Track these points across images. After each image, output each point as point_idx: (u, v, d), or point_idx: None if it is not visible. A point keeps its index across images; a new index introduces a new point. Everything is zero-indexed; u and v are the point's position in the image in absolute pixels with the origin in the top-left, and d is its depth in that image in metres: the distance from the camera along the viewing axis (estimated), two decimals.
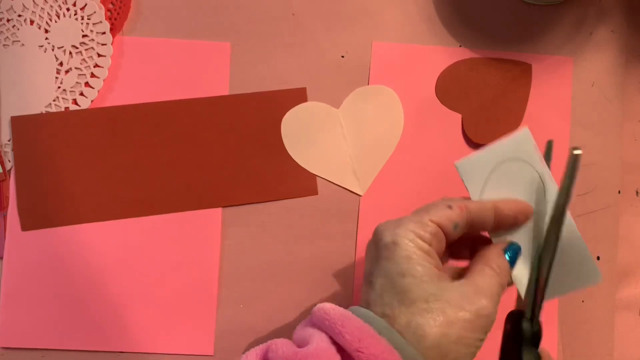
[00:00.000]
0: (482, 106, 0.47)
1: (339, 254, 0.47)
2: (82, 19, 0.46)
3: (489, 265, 0.32)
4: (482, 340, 0.30)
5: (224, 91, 0.47)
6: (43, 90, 0.46)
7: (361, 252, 0.47)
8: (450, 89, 0.48)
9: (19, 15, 0.46)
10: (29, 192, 0.46)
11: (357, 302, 0.46)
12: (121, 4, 0.47)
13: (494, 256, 0.32)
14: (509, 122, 0.47)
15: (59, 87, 0.46)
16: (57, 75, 0.46)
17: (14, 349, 0.45)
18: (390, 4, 0.48)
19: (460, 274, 0.33)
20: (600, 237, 0.48)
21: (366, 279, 0.32)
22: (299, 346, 0.30)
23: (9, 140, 0.46)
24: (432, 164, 0.47)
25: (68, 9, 0.46)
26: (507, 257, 0.33)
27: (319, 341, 0.29)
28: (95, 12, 0.46)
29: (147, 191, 0.46)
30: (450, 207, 0.32)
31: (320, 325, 0.30)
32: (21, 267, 0.45)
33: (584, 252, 0.34)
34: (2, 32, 0.46)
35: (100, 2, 0.46)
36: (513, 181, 0.35)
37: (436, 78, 0.48)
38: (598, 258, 0.48)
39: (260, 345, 0.31)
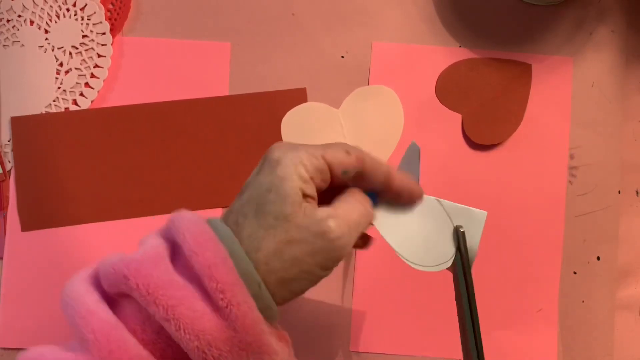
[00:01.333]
0: (482, 106, 0.47)
1: None
2: (82, 19, 0.46)
3: (353, 196, 0.32)
4: (323, 268, 0.29)
5: (224, 91, 0.47)
6: (43, 90, 0.46)
7: (361, 251, 0.47)
8: (450, 89, 0.48)
9: (19, 16, 0.46)
10: (29, 192, 0.46)
11: (358, 302, 0.46)
12: (121, 4, 0.47)
13: (359, 192, 0.32)
14: (509, 122, 0.47)
15: (59, 88, 0.46)
16: (57, 76, 0.46)
17: (14, 349, 0.45)
18: (390, 4, 0.48)
19: None
20: (600, 237, 0.48)
21: (241, 189, 0.31)
22: None
23: (9, 141, 0.46)
24: (432, 164, 0.47)
25: (68, 10, 0.46)
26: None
27: (151, 245, 0.28)
28: (95, 13, 0.46)
29: (147, 191, 0.46)
30: (348, 152, 0.31)
31: (166, 230, 0.29)
32: (21, 267, 0.45)
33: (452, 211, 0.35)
34: (2, 32, 0.46)
35: (100, 2, 0.46)
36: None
37: (436, 78, 0.48)
38: (598, 258, 0.48)
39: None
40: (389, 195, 0.33)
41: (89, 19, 0.46)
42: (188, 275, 0.27)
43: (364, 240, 0.38)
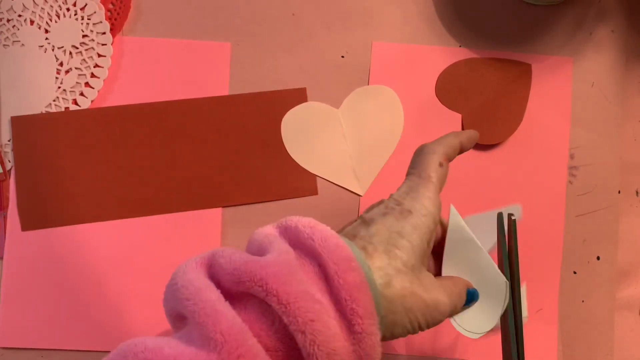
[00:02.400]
0: (482, 106, 0.47)
1: None
2: (82, 19, 0.46)
3: (456, 282, 0.32)
4: (422, 328, 0.30)
5: (224, 91, 0.47)
6: (43, 90, 0.46)
7: None
8: (450, 89, 0.48)
9: (19, 15, 0.46)
10: (29, 192, 0.46)
11: None
12: (121, 4, 0.47)
13: (462, 282, 0.33)
14: (509, 122, 0.47)
15: (59, 87, 0.46)
16: (57, 76, 0.46)
17: (14, 348, 0.45)
18: (390, 4, 0.48)
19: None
20: (600, 237, 0.48)
21: (363, 218, 0.31)
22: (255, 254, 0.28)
23: (9, 140, 0.46)
24: None
25: (68, 9, 0.46)
26: (467, 296, 0.33)
27: (282, 250, 0.27)
28: (95, 12, 0.46)
29: (147, 191, 0.46)
30: (441, 164, 0.33)
31: (292, 234, 0.29)
32: (21, 267, 0.45)
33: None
34: (2, 32, 0.46)
35: (101, 2, 0.47)
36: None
37: (436, 78, 0.48)
38: (598, 258, 0.48)
39: (203, 253, 0.29)
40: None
41: (89, 19, 0.46)
42: (323, 287, 0.27)
43: None
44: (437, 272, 0.34)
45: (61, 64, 0.46)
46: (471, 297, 0.33)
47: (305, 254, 0.28)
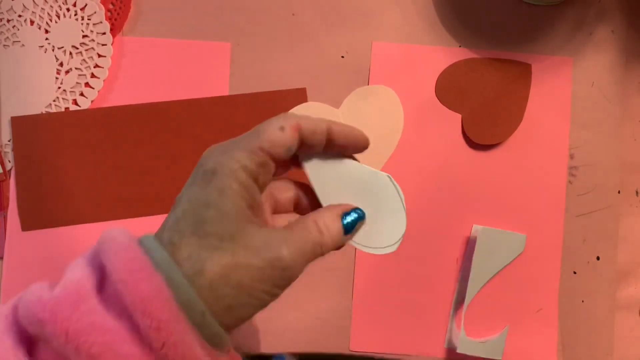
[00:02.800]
0: (482, 106, 0.47)
1: (339, 254, 0.47)
2: (83, 19, 0.46)
3: (315, 222, 0.28)
4: (271, 294, 0.27)
5: (224, 91, 0.47)
6: (43, 90, 0.46)
7: (361, 252, 0.47)
8: (450, 89, 0.48)
9: (19, 16, 0.46)
10: (29, 192, 0.46)
11: (358, 302, 0.46)
12: (121, 4, 0.47)
13: (327, 216, 0.29)
14: (508, 122, 0.47)
15: (59, 88, 0.46)
16: (57, 76, 0.46)
17: None
18: (390, 4, 0.48)
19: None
20: (600, 237, 0.48)
21: (175, 202, 0.28)
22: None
23: (9, 141, 0.46)
24: (432, 164, 0.47)
25: (68, 10, 0.46)
26: (343, 222, 0.29)
27: (73, 278, 0.25)
28: (95, 13, 0.46)
29: (147, 191, 0.46)
30: (282, 128, 0.28)
31: (94, 255, 0.26)
32: (21, 267, 0.45)
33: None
34: (2, 32, 0.46)
35: (101, 2, 0.47)
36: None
37: (436, 78, 0.48)
38: (598, 258, 0.48)
39: (20, 293, 0.26)
40: (335, 150, 0.30)
41: (89, 19, 0.46)
42: (119, 309, 0.24)
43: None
44: (313, 208, 0.31)
45: (61, 64, 0.46)
46: (353, 219, 0.30)
47: (104, 273, 0.25)
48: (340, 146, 0.30)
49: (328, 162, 0.31)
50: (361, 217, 0.30)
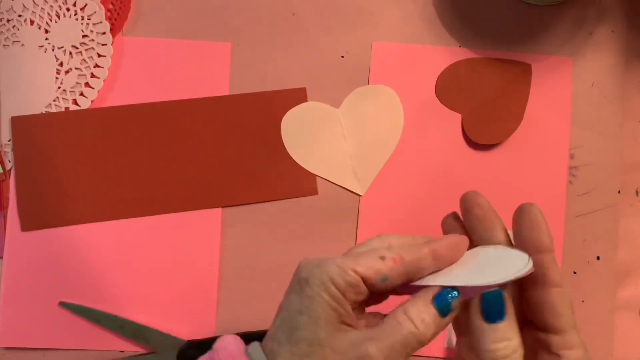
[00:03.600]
0: (482, 106, 0.47)
1: (339, 254, 0.47)
2: (82, 19, 0.46)
3: (404, 312, 0.28)
4: None
5: (224, 91, 0.47)
6: (43, 90, 0.46)
7: None
8: (450, 89, 0.48)
9: (19, 16, 0.46)
10: (29, 192, 0.46)
11: None
12: (121, 4, 0.47)
13: (415, 303, 0.28)
14: (509, 122, 0.47)
15: (59, 87, 0.46)
16: (57, 76, 0.46)
17: (14, 348, 0.45)
18: (390, 4, 0.48)
19: None
20: (600, 237, 0.48)
21: (278, 308, 0.30)
22: None
23: (9, 141, 0.46)
24: (432, 164, 0.47)
25: (68, 9, 0.46)
26: (435, 304, 0.28)
27: None
28: (95, 12, 0.46)
29: (147, 191, 0.46)
30: (382, 258, 0.28)
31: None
32: (21, 267, 0.45)
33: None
34: (2, 32, 0.46)
35: (101, 2, 0.47)
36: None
37: (436, 78, 0.48)
38: (598, 258, 0.48)
39: None
40: (444, 265, 0.29)
41: (89, 19, 0.46)
42: None
43: None
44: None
45: (61, 64, 0.46)
46: (444, 302, 0.28)
47: None
48: (448, 261, 0.30)
49: None
50: (455, 296, 0.28)
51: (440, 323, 0.28)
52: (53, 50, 0.46)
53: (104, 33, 0.46)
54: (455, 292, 0.28)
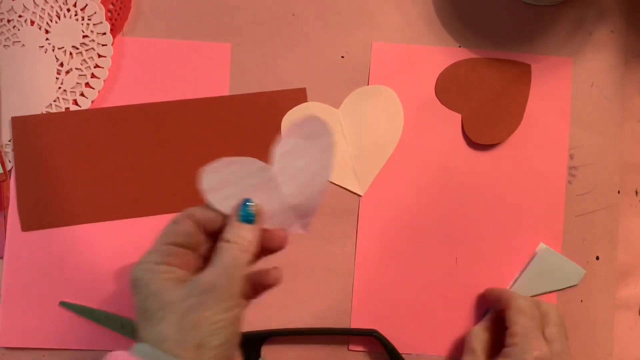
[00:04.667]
0: (482, 106, 0.47)
1: (339, 254, 0.47)
2: (83, 19, 0.46)
3: (221, 240, 0.33)
4: (225, 313, 0.31)
5: (224, 91, 0.47)
6: (43, 90, 0.46)
7: (361, 252, 0.47)
8: (450, 89, 0.48)
9: (20, 16, 0.46)
10: (29, 192, 0.46)
11: (358, 301, 0.46)
12: (121, 4, 0.47)
13: (226, 229, 0.34)
14: (508, 122, 0.47)
15: (59, 88, 0.46)
16: (58, 76, 0.46)
17: (15, 348, 0.45)
18: (390, 4, 0.48)
19: None
20: (600, 237, 0.48)
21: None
22: None
23: (9, 141, 0.46)
24: (432, 164, 0.47)
25: (68, 10, 0.47)
26: (241, 218, 0.34)
27: None
28: (95, 13, 0.46)
29: (147, 191, 0.46)
30: (176, 222, 0.35)
31: None
32: (21, 267, 0.45)
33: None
34: (2, 32, 0.46)
35: (101, 2, 0.47)
36: None
37: (436, 78, 0.48)
38: (597, 258, 0.48)
39: None
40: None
41: (89, 19, 0.46)
42: None
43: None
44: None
45: (61, 65, 0.46)
46: (245, 213, 0.34)
47: None
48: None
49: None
50: (251, 202, 0.34)
51: (253, 230, 0.34)
52: (53, 50, 0.46)
53: (105, 33, 0.47)
54: (249, 200, 0.34)
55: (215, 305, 0.31)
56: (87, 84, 0.47)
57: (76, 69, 0.47)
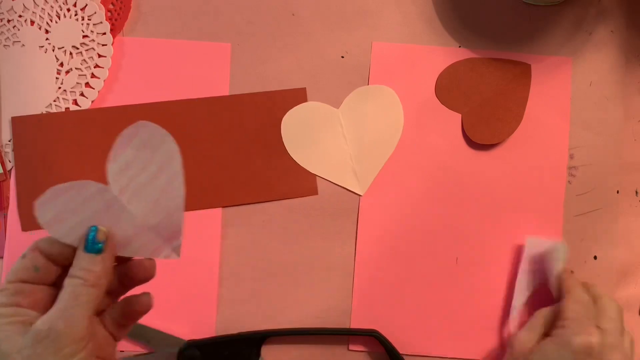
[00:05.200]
0: (482, 106, 0.47)
1: (339, 254, 0.47)
2: (83, 19, 0.46)
3: (67, 277, 0.30)
4: (71, 354, 0.28)
5: (224, 91, 0.47)
6: (43, 90, 0.46)
7: (361, 252, 0.47)
8: (450, 89, 0.48)
9: (20, 16, 0.46)
10: (29, 192, 0.46)
11: (358, 301, 0.46)
12: (122, 4, 0.47)
13: (73, 262, 0.31)
14: (508, 122, 0.47)
15: (59, 88, 0.46)
16: (58, 76, 0.46)
17: None
18: (390, 4, 0.48)
19: None
20: (599, 237, 0.48)
21: None
22: None
23: (9, 141, 0.46)
24: (432, 164, 0.47)
25: (69, 10, 0.47)
26: (87, 249, 0.30)
27: None
28: (95, 13, 0.46)
29: None
30: (24, 256, 0.31)
31: None
32: None
33: None
34: (2, 32, 0.46)
35: (101, 2, 0.47)
36: None
37: (436, 78, 0.48)
38: (596, 258, 0.48)
39: None
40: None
41: (89, 19, 0.46)
42: None
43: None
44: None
45: (61, 65, 0.46)
46: (91, 242, 0.31)
47: None
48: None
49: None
50: (94, 230, 0.31)
51: (103, 260, 0.30)
52: (53, 50, 0.46)
53: (105, 33, 0.47)
54: (95, 227, 0.31)
55: (54, 354, 0.28)
56: (87, 84, 0.47)
57: (76, 68, 0.47)
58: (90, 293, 0.29)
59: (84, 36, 0.47)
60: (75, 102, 0.47)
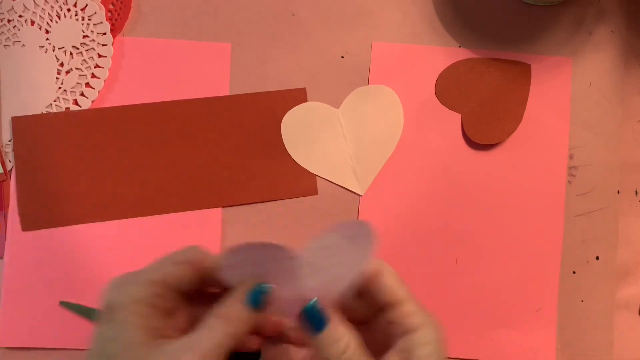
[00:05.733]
0: (482, 106, 0.47)
1: None
2: (83, 19, 0.47)
3: (214, 314, 0.29)
4: None
5: (224, 91, 0.47)
6: (43, 90, 0.46)
7: None
8: (449, 89, 0.48)
9: (20, 16, 0.46)
10: (29, 192, 0.46)
11: None
12: (122, 4, 0.47)
13: (226, 303, 0.29)
14: (508, 122, 0.47)
15: (59, 88, 0.46)
16: (58, 76, 0.46)
17: (15, 348, 0.45)
18: (390, 4, 0.48)
19: None
20: (600, 237, 0.48)
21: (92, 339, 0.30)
22: None
23: (9, 141, 0.46)
24: (432, 164, 0.47)
25: (69, 10, 0.47)
26: (248, 301, 0.29)
27: None
28: (95, 13, 0.47)
29: (147, 191, 0.46)
30: (176, 263, 0.30)
31: None
32: (21, 267, 0.45)
33: None
34: (2, 32, 0.46)
35: (101, 2, 0.47)
36: None
37: (436, 78, 0.48)
38: (597, 258, 0.48)
39: None
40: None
41: (89, 19, 0.47)
42: None
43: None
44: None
45: (62, 65, 0.47)
46: (255, 297, 0.30)
47: None
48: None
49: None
50: (264, 290, 0.30)
51: (253, 317, 0.29)
52: (54, 50, 0.46)
53: (105, 33, 0.47)
54: (266, 286, 0.30)
55: None
56: (87, 84, 0.47)
57: (76, 68, 0.47)
58: (229, 343, 0.28)
59: (84, 36, 0.47)
60: (75, 102, 0.47)
